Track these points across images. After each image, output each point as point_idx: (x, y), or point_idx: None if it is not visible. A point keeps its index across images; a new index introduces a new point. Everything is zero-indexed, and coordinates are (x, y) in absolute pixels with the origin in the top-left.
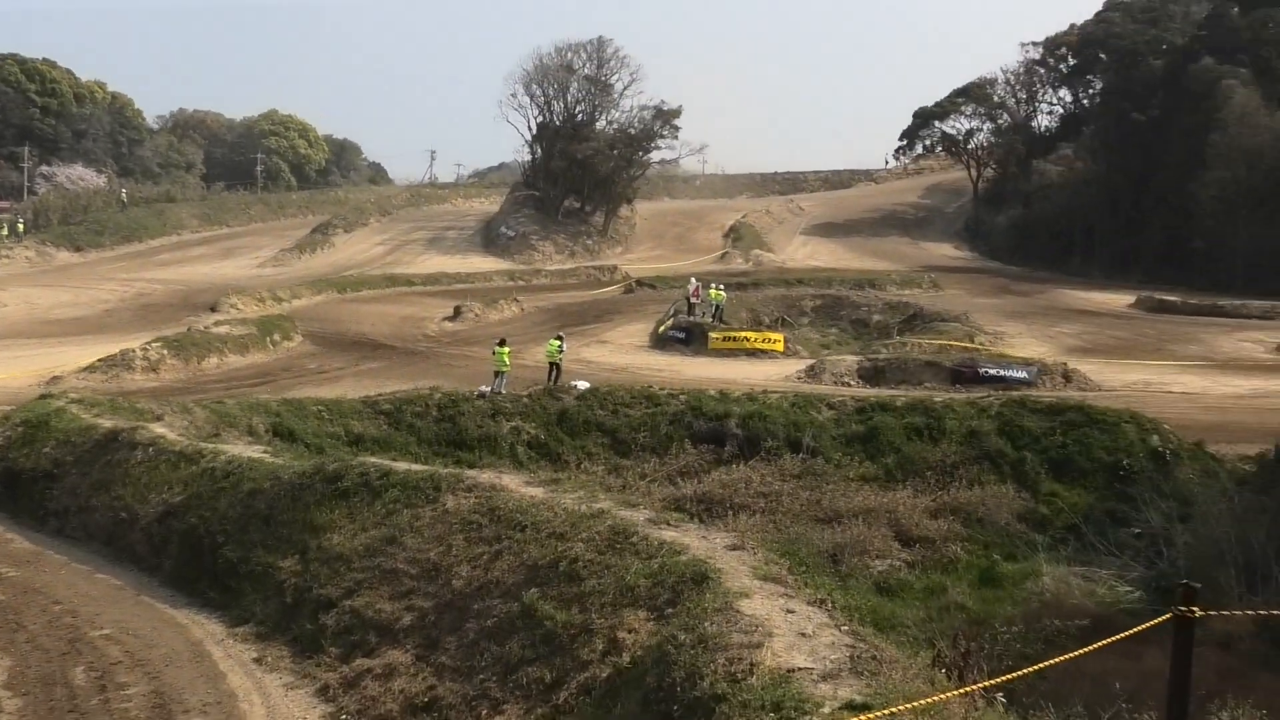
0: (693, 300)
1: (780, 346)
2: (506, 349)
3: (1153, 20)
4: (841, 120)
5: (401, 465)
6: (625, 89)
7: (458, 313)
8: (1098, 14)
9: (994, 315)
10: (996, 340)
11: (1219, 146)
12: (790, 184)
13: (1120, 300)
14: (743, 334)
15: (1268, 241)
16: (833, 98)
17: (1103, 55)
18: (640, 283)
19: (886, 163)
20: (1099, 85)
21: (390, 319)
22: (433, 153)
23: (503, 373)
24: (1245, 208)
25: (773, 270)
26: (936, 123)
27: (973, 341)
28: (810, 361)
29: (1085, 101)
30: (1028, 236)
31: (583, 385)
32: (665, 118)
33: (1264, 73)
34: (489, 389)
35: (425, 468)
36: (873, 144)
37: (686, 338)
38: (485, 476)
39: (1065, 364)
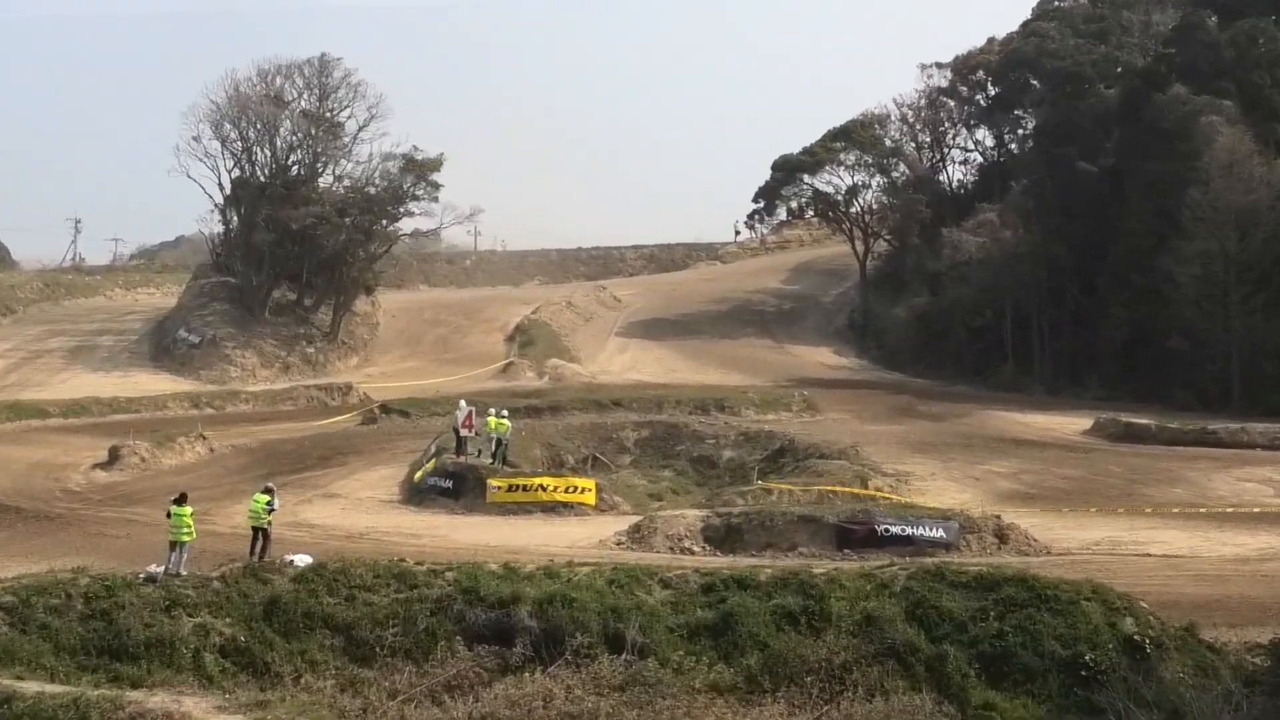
0: (464, 433)
1: (591, 498)
2: (188, 509)
3: (1101, 34)
4: (671, 177)
5: (30, 687)
6: (361, 129)
7: (115, 456)
8: (1025, 24)
9: (895, 448)
10: (900, 484)
11: (1200, 207)
12: (602, 264)
13: (1071, 425)
14: (537, 480)
15: (1270, 338)
16: (659, 147)
17: (1034, 81)
18: (387, 409)
19: (737, 234)
20: (1030, 123)
21: (13, 467)
22: (77, 222)
23: (183, 544)
24: (1239, 292)
25: (579, 388)
26: (805, 177)
27: (866, 487)
28: (635, 519)
29: (1012, 145)
30: (937, 335)
31: (302, 560)
32: (420, 170)
33: (1254, 105)
34: (162, 569)
35: (66, 689)
36: (717, 209)
37: (455, 487)
38: (157, 701)
39: (998, 517)
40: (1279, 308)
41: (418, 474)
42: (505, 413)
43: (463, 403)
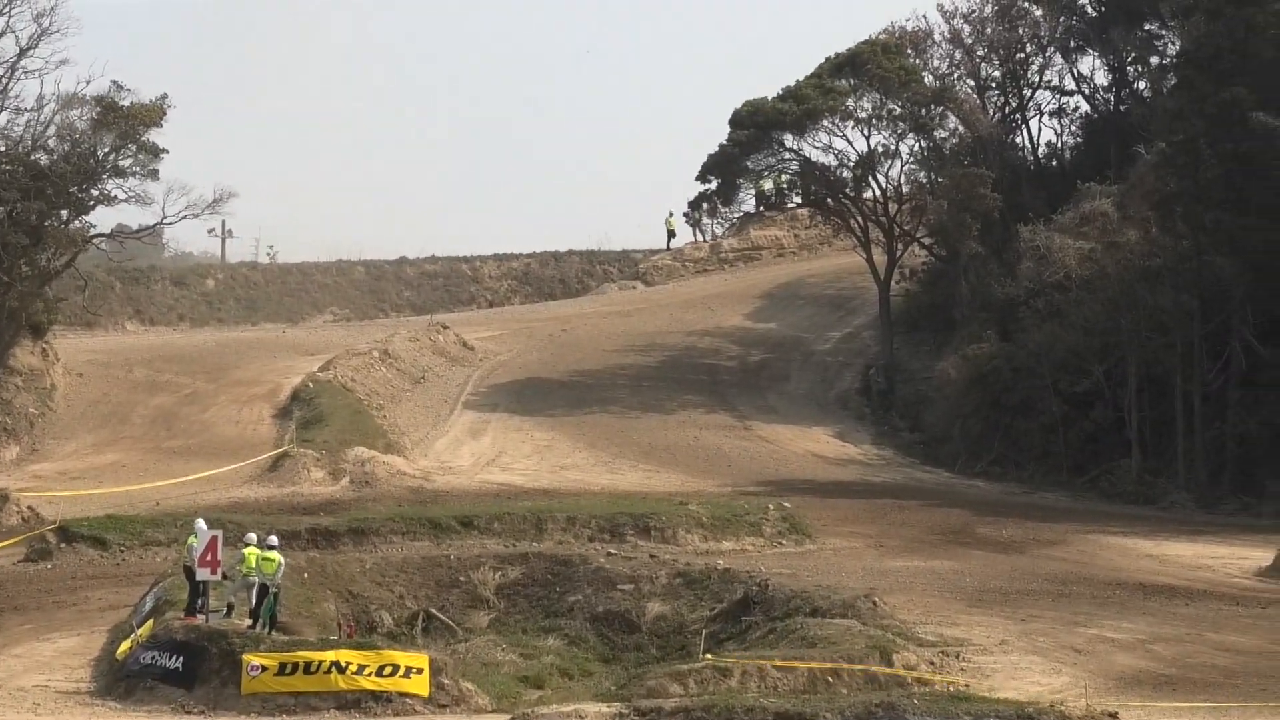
0: (203, 575)
1: (423, 685)
2: None
3: None
4: (559, 146)
5: None
6: (24, 54)
7: None
8: None
9: (940, 599)
10: (949, 660)
11: None
12: (442, 287)
13: (1241, 560)
14: (328, 656)
15: None
16: (540, 102)
17: None
18: (69, 534)
19: (671, 235)
20: (1173, 45)
21: None
22: None
23: None
24: None
25: (402, 498)
26: (788, 139)
27: (891, 664)
28: (501, 719)
29: (1141, 85)
30: (1011, 409)
31: None
32: (127, 124)
33: None
34: None
35: None
36: (637, 193)
37: (188, 668)
38: None
39: (1114, 715)
40: None
41: (123, 646)
42: (274, 541)
43: (201, 524)
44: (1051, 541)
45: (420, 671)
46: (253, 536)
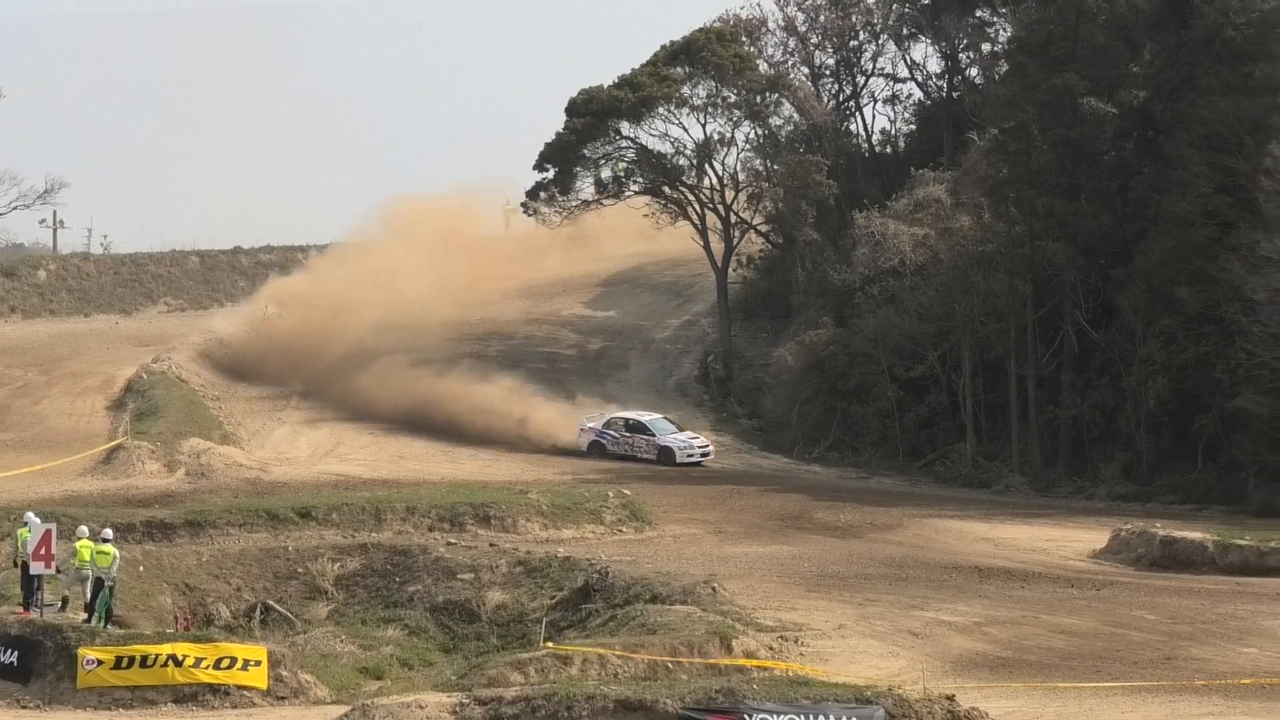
0: (35, 569)
1: (261, 677)
2: None
3: None
4: (393, 123)
5: None
6: None
7: None
8: None
9: (779, 585)
10: (788, 645)
11: None
12: (281, 274)
13: (1075, 543)
14: (165, 649)
15: None
16: (375, 76)
17: None
18: None
19: (511, 210)
20: (1004, 32)
21: None
22: None
23: None
24: None
25: (239, 490)
26: (624, 126)
27: (731, 651)
28: (337, 711)
29: (974, 72)
30: (848, 394)
31: None
32: None
33: None
34: None
35: None
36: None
37: (23, 662)
38: None
39: (950, 698)
40: None
41: None
42: (109, 534)
43: (34, 517)
44: (888, 526)
45: (258, 664)
46: (85, 529)
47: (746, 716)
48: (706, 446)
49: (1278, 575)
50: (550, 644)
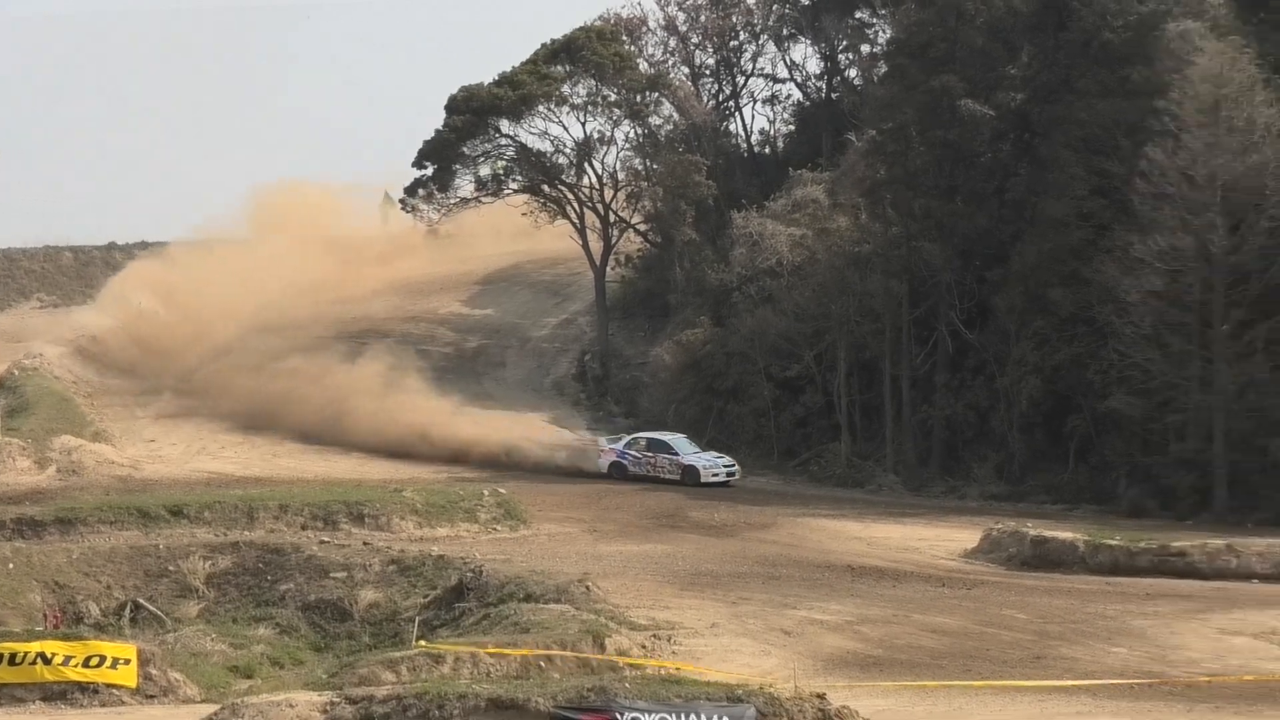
0: None
1: (130, 676)
2: None
3: None
4: (273, 119)
5: None
6: None
7: None
8: None
9: (652, 583)
10: (660, 643)
11: (1166, 177)
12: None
13: (947, 542)
14: (33, 648)
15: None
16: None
17: None
18: None
19: (389, 206)
20: (883, 34)
21: None
22: None
23: None
24: (1227, 320)
25: (109, 487)
26: (504, 124)
27: (604, 649)
28: (207, 710)
29: (853, 74)
30: (725, 393)
31: None
32: None
33: (1259, 3)
34: None
35: None
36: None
37: None
38: None
39: (821, 696)
40: None
41: None
42: None
43: None
44: (762, 525)
45: (128, 662)
46: None
47: (618, 715)
48: (733, 466)
49: (1147, 575)
50: (423, 642)
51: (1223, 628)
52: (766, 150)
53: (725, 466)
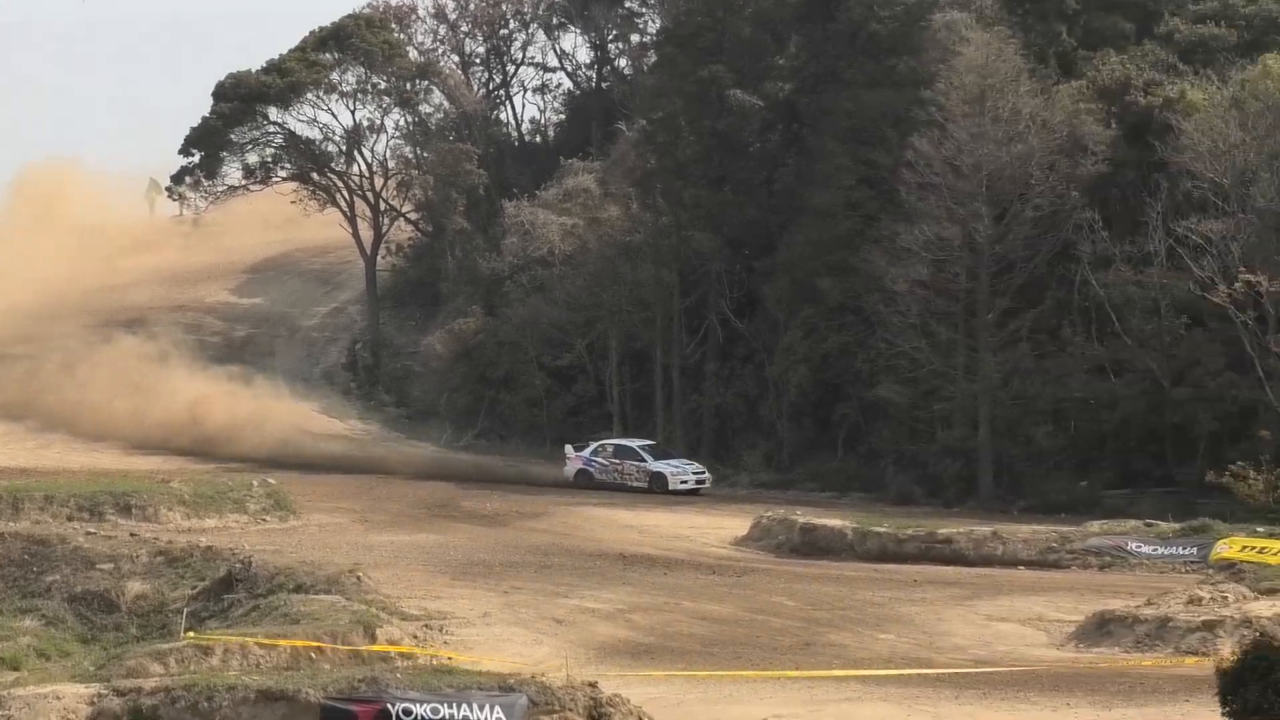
0: None
1: None
2: None
3: None
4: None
5: None
6: None
7: None
8: None
9: (424, 573)
10: (432, 634)
11: (931, 167)
12: None
13: (718, 530)
14: None
15: (1043, 386)
16: None
17: None
18: None
19: (153, 208)
20: (652, 23)
21: None
22: None
23: None
24: (992, 310)
25: None
26: (272, 112)
27: (375, 640)
28: None
29: (623, 63)
30: (497, 382)
31: None
32: None
33: None
34: None
35: None
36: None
37: None
38: None
39: (593, 685)
40: (1058, 336)
41: None
42: None
43: None
44: (535, 514)
45: None
46: None
47: (390, 705)
48: (702, 473)
49: (915, 562)
50: (191, 634)
51: (989, 614)
52: (538, 139)
53: (695, 473)
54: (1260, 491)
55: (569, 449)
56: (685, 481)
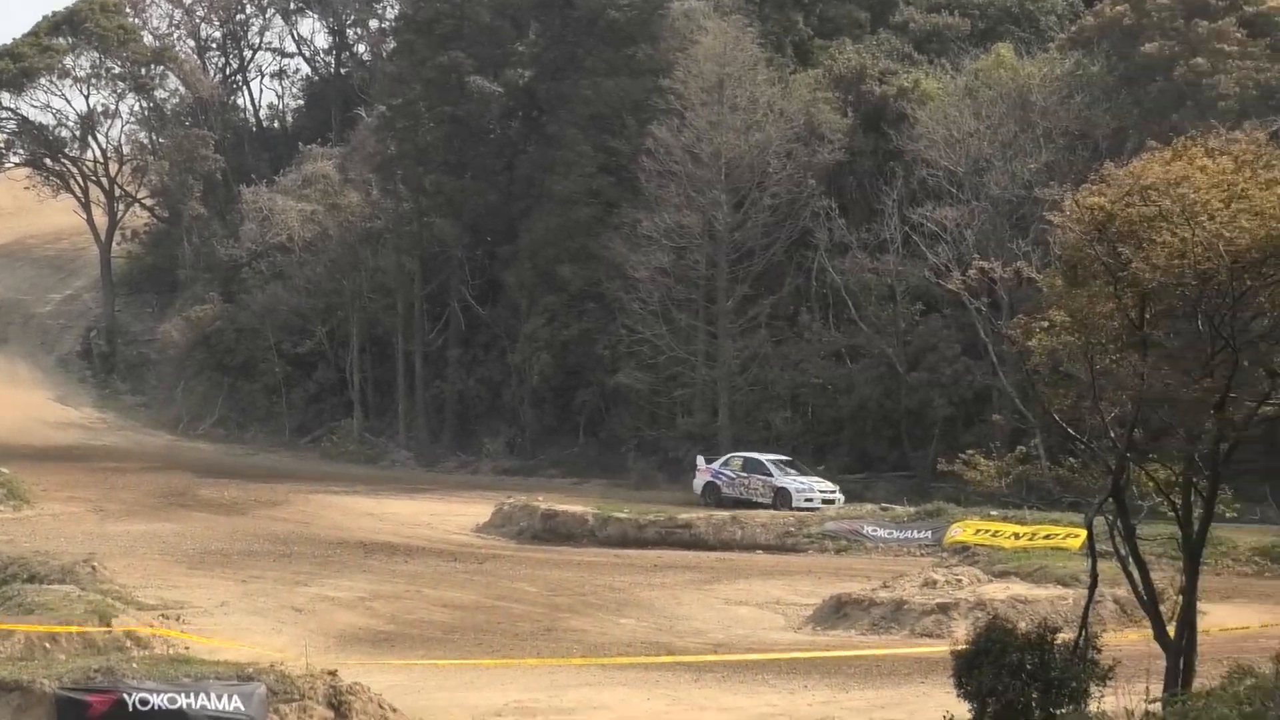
0: None
1: None
2: None
3: None
4: None
5: None
6: None
7: None
8: None
9: (160, 563)
10: (169, 623)
11: (670, 155)
12: None
13: (460, 517)
14: None
15: (781, 372)
16: None
17: None
18: None
19: None
20: (391, 9)
21: None
22: None
23: None
24: (731, 297)
25: None
26: (4, 96)
27: (110, 629)
28: None
29: (362, 49)
30: (234, 370)
31: None
32: None
33: None
34: None
35: None
36: None
37: None
38: None
39: (333, 673)
40: (796, 322)
41: None
42: None
43: None
44: (274, 502)
45: None
46: None
47: (126, 695)
48: (832, 491)
49: (655, 547)
50: None
51: (728, 598)
52: (276, 125)
53: (823, 492)
54: (991, 477)
55: (700, 460)
56: (810, 500)
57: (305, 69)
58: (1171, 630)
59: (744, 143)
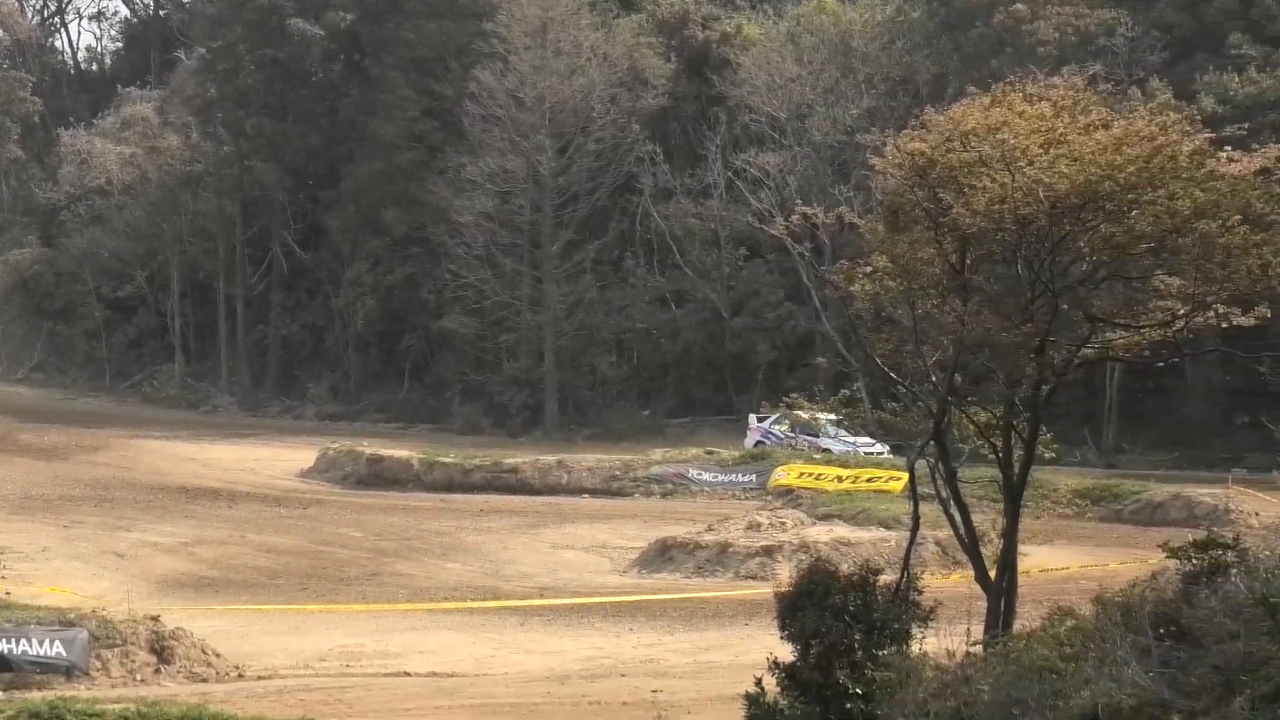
0: None
1: None
2: None
3: None
4: None
5: None
6: None
7: None
8: None
9: None
10: None
11: (494, 100)
12: None
13: (284, 462)
14: None
15: (603, 319)
16: None
17: None
18: None
19: None
20: None
21: None
22: None
23: None
24: (556, 241)
25: None
26: None
27: None
28: None
29: None
30: (56, 314)
31: None
32: None
33: None
34: None
35: None
36: None
37: None
38: None
39: (156, 618)
40: (621, 267)
41: None
42: None
43: None
44: (95, 447)
45: None
46: None
47: None
48: (880, 452)
49: (481, 492)
50: None
51: (554, 542)
52: (94, 68)
53: (869, 454)
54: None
55: (752, 419)
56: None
57: (124, 10)
58: (993, 572)
59: (568, 87)
